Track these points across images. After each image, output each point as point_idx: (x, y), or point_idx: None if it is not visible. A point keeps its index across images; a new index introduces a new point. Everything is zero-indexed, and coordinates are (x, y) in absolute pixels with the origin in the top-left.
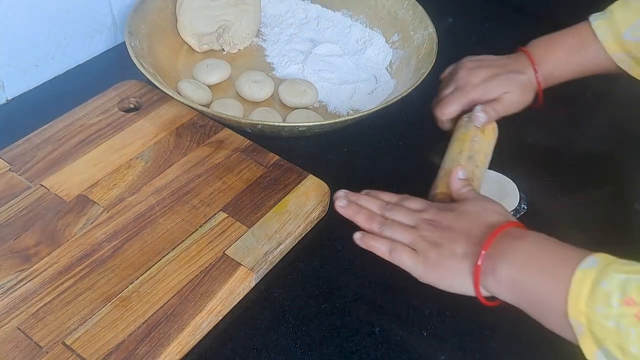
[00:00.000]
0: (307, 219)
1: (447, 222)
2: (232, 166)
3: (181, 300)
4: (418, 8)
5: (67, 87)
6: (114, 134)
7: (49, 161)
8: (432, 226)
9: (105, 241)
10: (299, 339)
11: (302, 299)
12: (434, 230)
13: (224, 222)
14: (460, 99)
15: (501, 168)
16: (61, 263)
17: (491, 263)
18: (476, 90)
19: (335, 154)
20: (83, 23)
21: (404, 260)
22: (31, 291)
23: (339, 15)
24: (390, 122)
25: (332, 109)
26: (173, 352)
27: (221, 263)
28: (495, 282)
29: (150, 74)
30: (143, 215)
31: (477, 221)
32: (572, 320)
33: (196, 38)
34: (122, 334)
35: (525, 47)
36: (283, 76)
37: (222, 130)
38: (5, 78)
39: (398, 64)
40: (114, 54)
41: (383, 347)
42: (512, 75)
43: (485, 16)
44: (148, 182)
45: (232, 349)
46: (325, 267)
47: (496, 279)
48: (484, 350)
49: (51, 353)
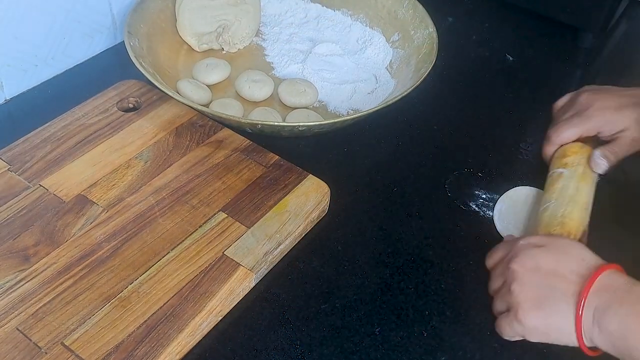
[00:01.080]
0: (307, 219)
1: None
2: (232, 166)
3: (181, 301)
4: (418, 7)
5: (67, 87)
6: (113, 134)
7: (48, 161)
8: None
9: (105, 241)
10: (299, 339)
11: (302, 299)
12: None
13: (223, 222)
14: (579, 125)
15: None
16: (60, 263)
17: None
18: (598, 117)
19: (335, 154)
20: (83, 23)
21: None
22: (30, 291)
23: (339, 14)
24: (390, 122)
25: (332, 109)
26: (173, 352)
27: (221, 263)
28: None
29: (149, 74)
30: (142, 216)
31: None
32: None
33: (196, 38)
34: (121, 334)
35: None
36: (283, 76)
37: (221, 130)
38: (5, 78)
39: (398, 63)
40: (114, 53)
41: (383, 348)
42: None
43: (485, 16)
44: (147, 182)
45: (232, 349)
46: (325, 267)
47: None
48: (484, 350)
49: (50, 353)
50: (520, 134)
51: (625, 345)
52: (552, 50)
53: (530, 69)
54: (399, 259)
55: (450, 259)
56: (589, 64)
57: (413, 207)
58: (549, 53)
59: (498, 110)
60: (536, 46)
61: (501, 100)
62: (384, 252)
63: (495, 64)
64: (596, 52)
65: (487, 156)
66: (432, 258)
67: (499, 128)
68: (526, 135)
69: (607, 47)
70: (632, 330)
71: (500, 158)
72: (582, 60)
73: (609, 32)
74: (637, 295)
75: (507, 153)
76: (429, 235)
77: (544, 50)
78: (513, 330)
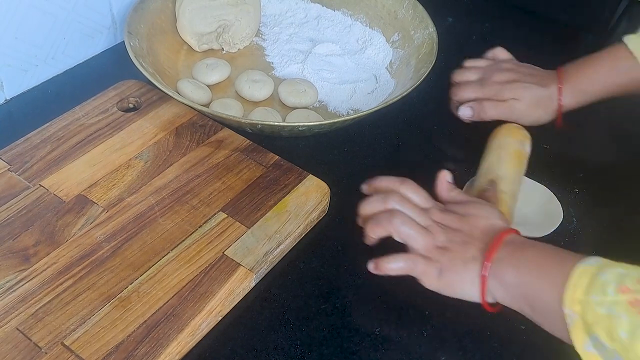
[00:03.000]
0: (307, 219)
1: (454, 225)
2: (232, 166)
3: (181, 301)
4: (418, 7)
5: (67, 87)
6: (113, 134)
7: (48, 161)
8: (442, 230)
9: (105, 241)
10: (299, 339)
11: (302, 299)
12: (444, 233)
13: (223, 222)
14: (477, 90)
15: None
16: (60, 263)
17: (497, 268)
18: (492, 87)
19: (335, 154)
20: (83, 23)
21: (420, 270)
22: (30, 291)
23: (339, 14)
24: (390, 122)
25: (332, 109)
26: (172, 352)
27: (221, 263)
28: (500, 287)
29: (149, 74)
30: (142, 216)
31: (483, 224)
32: (566, 309)
33: (196, 38)
34: (121, 334)
35: (562, 66)
36: (283, 76)
37: (221, 130)
38: (5, 78)
39: (398, 63)
40: (114, 53)
41: (383, 347)
42: (531, 85)
43: (485, 16)
44: (147, 182)
45: (232, 349)
46: (325, 267)
47: (501, 284)
48: (484, 350)
49: (50, 353)
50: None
51: (519, 293)
52: (552, 50)
53: None
54: None
55: None
56: None
57: None
58: (549, 53)
59: None
60: (536, 46)
61: None
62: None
63: None
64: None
65: None
66: None
67: None
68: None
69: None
70: (524, 278)
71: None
72: None
73: (609, 32)
74: (530, 245)
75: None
76: None
77: (544, 50)
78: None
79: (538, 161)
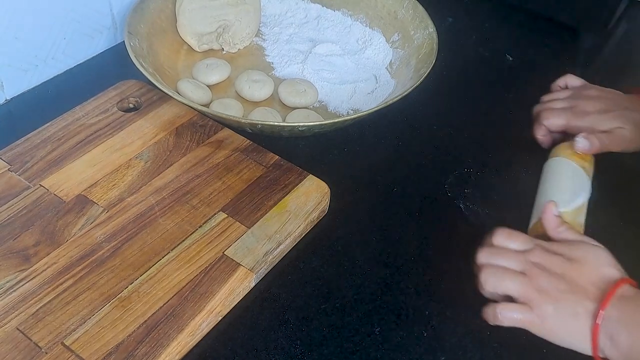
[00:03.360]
0: (307, 219)
1: (558, 269)
2: (232, 166)
3: (181, 301)
4: (418, 8)
5: (67, 87)
6: (114, 134)
7: (48, 161)
8: (543, 273)
9: (105, 241)
10: (299, 339)
11: (302, 299)
12: (546, 278)
13: (223, 222)
14: (570, 119)
15: None
16: (60, 263)
17: (609, 326)
18: (587, 119)
19: (335, 154)
20: (83, 23)
21: (515, 318)
22: (30, 291)
23: (339, 14)
24: (390, 122)
25: (332, 109)
26: (173, 352)
27: (221, 263)
28: (611, 346)
29: (149, 74)
30: (142, 216)
31: (591, 272)
32: None
33: (196, 38)
34: (121, 334)
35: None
36: (283, 76)
37: (221, 130)
38: (5, 78)
39: (398, 63)
40: (114, 53)
41: (383, 347)
42: (626, 112)
43: (485, 16)
44: (147, 182)
45: (232, 349)
46: (325, 267)
47: (612, 344)
48: (484, 350)
49: (50, 353)
50: (520, 134)
51: (633, 357)
52: (552, 50)
53: (530, 69)
54: (399, 259)
55: (450, 259)
56: (589, 64)
57: (413, 207)
58: (549, 53)
59: (498, 110)
60: (536, 46)
61: (501, 100)
62: (384, 252)
63: (495, 64)
64: (596, 52)
65: (487, 156)
66: (432, 258)
67: (499, 128)
68: (526, 135)
69: (607, 47)
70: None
71: (500, 158)
72: (582, 60)
73: (609, 32)
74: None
75: (507, 153)
76: (429, 235)
77: (544, 50)
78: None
79: None
